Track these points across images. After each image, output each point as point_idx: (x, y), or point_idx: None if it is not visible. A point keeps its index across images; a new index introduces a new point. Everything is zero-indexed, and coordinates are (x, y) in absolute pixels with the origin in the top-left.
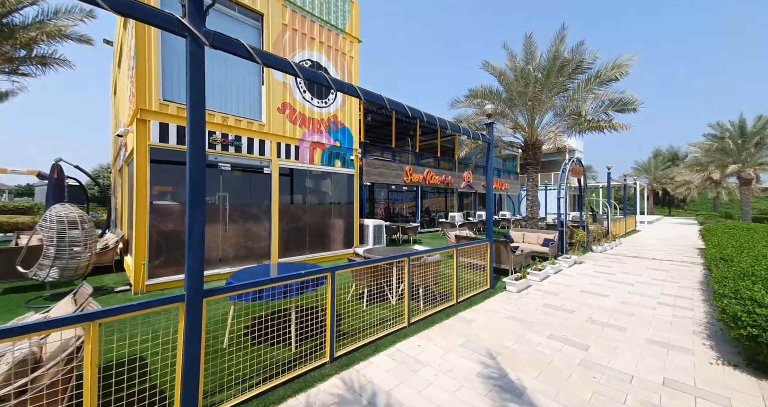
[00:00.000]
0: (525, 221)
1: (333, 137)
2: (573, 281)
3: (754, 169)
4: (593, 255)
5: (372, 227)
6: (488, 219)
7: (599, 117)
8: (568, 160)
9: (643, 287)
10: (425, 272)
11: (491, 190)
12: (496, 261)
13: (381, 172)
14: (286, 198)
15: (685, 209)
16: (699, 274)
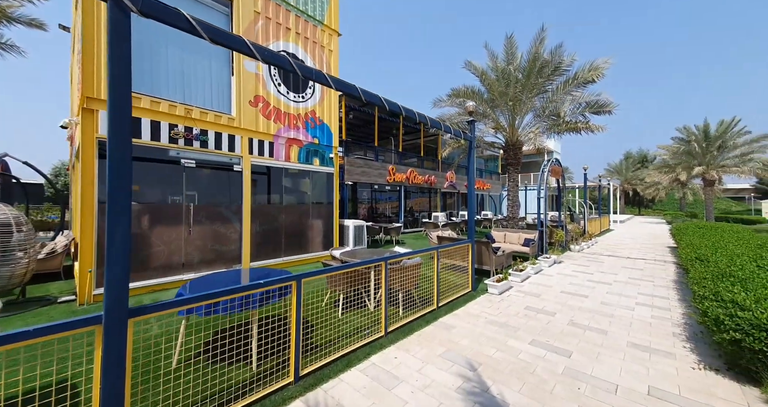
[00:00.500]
0: (506, 221)
1: (311, 133)
2: (553, 281)
3: (717, 171)
4: (571, 254)
5: (352, 228)
6: (470, 220)
7: (577, 118)
8: (547, 161)
9: (620, 287)
10: (405, 276)
11: (473, 190)
12: (478, 262)
13: (363, 171)
14: (260, 198)
15: (654, 208)
16: (672, 273)
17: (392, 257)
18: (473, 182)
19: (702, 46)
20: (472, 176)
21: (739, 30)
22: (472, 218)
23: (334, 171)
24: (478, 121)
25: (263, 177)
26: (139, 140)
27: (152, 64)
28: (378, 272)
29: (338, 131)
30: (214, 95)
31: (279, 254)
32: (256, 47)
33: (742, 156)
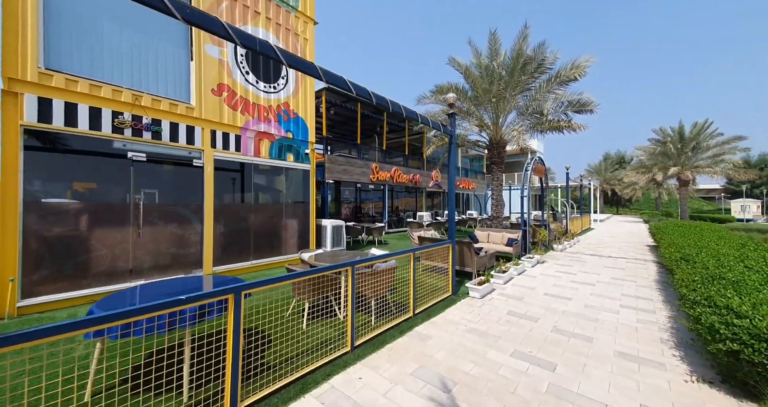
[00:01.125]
0: (490, 220)
1: (284, 127)
2: (536, 282)
3: (691, 171)
4: (554, 254)
5: (330, 228)
6: (450, 219)
7: (559, 117)
8: (530, 159)
9: (603, 288)
10: (379, 280)
11: (453, 187)
12: (459, 264)
13: (345, 169)
14: (226, 196)
15: (631, 208)
16: (654, 272)
17: (360, 260)
18: (453, 180)
19: (685, 45)
20: (453, 174)
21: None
22: (452, 218)
23: (310, 168)
24: (463, 119)
25: (229, 174)
26: (74, 128)
27: (93, 42)
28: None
29: (317, 126)
30: (169, 81)
31: (248, 257)
32: (235, 31)
33: (714, 157)
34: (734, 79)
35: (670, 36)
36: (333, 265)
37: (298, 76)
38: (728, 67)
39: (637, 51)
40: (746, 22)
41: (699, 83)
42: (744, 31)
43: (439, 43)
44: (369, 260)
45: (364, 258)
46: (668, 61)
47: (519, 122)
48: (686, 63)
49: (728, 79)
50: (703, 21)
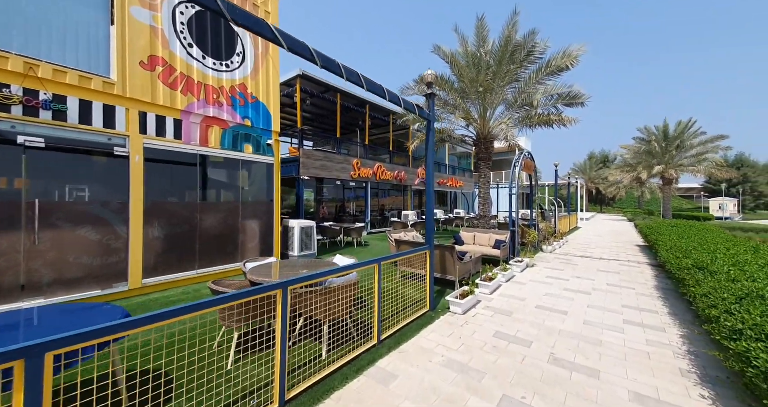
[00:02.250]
0: (477, 219)
1: (240, 112)
2: (526, 291)
3: (675, 169)
4: (544, 256)
5: (298, 230)
6: (428, 220)
7: (549, 110)
8: (519, 154)
9: (601, 297)
10: (335, 299)
11: (432, 181)
12: (441, 271)
13: (323, 165)
14: (162, 192)
15: (614, 206)
16: (650, 277)
17: (296, 280)
18: (432, 172)
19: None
20: (431, 163)
21: None
22: (430, 218)
23: (274, 161)
24: (449, 112)
25: (167, 166)
26: None
27: None
28: (300, 297)
29: (291, 118)
30: (80, 49)
31: (192, 266)
32: None
33: (697, 156)
34: (706, 77)
35: (657, 34)
36: (247, 290)
37: (258, 54)
38: (699, 65)
39: (624, 48)
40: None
41: (674, 82)
42: (714, 34)
43: (425, 33)
44: (308, 279)
45: (299, 277)
46: (651, 61)
47: (507, 115)
48: (661, 63)
49: (701, 78)
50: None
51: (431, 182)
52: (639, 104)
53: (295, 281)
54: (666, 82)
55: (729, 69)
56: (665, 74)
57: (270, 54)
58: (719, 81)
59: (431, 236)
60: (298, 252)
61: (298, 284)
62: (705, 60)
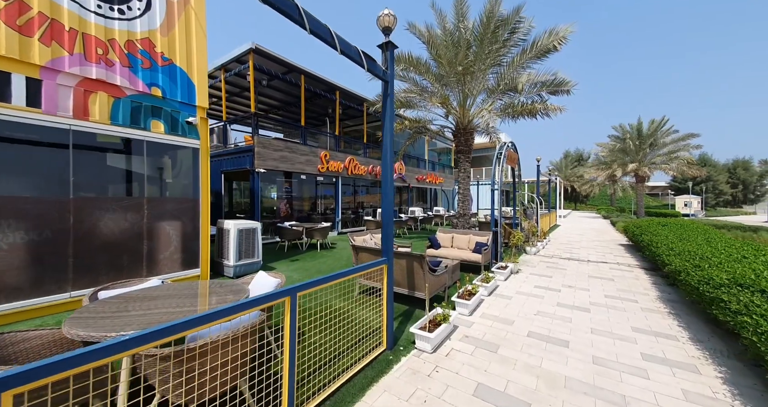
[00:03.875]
0: (456, 218)
1: (143, 77)
2: (514, 308)
3: (648, 167)
4: (528, 259)
5: (235, 233)
6: (385, 224)
7: (532, 99)
8: (502, 145)
9: (603, 316)
10: (213, 363)
11: (390, 170)
12: (407, 286)
13: (284, 156)
14: (8, 184)
15: (587, 203)
16: (648, 283)
17: (138, 337)
18: (390, 157)
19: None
20: (389, 147)
21: None
22: (388, 223)
23: (199, 146)
24: (426, 100)
25: (19, 147)
26: None
27: None
28: (153, 362)
29: (240, 101)
30: None
31: (62, 287)
32: None
33: (669, 154)
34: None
35: (640, 31)
36: None
37: (173, 2)
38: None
39: (604, 46)
40: None
41: (648, 84)
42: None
43: None
44: (157, 336)
45: (141, 333)
46: (626, 59)
47: (489, 101)
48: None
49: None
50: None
51: (389, 170)
52: (613, 103)
53: (137, 340)
54: (640, 83)
55: (690, 72)
56: (638, 74)
57: (192, 5)
58: (684, 84)
59: (389, 245)
60: (235, 261)
61: (144, 346)
62: (673, 61)
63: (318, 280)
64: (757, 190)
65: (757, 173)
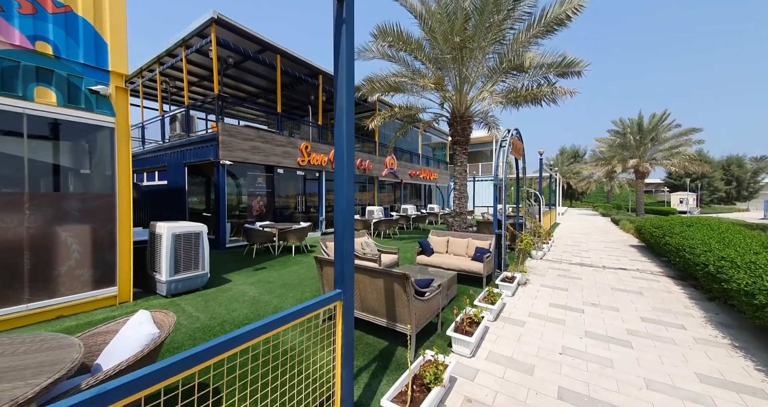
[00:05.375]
0: (452, 217)
1: (22, 26)
2: (531, 345)
3: (650, 163)
4: (534, 265)
5: (169, 239)
6: (339, 242)
7: (538, 82)
8: (506, 132)
9: (653, 357)
10: None
11: (345, 149)
12: (386, 316)
13: (256, 147)
14: None
15: (583, 200)
16: (684, 298)
17: None
18: (348, 129)
19: None
20: (346, 115)
21: None
22: (344, 236)
23: (115, 125)
24: (418, 85)
25: None
26: None
27: None
28: None
29: (201, 82)
30: None
31: None
32: None
33: (670, 149)
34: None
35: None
36: None
37: None
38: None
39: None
40: None
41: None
42: None
43: None
44: None
45: None
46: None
47: (490, 83)
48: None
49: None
50: None
51: (346, 151)
52: (612, 98)
53: None
54: (642, 74)
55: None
56: (641, 64)
57: None
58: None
59: (346, 267)
60: (169, 275)
61: None
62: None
63: (236, 336)
64: (750, 187)
65: (751, 170)
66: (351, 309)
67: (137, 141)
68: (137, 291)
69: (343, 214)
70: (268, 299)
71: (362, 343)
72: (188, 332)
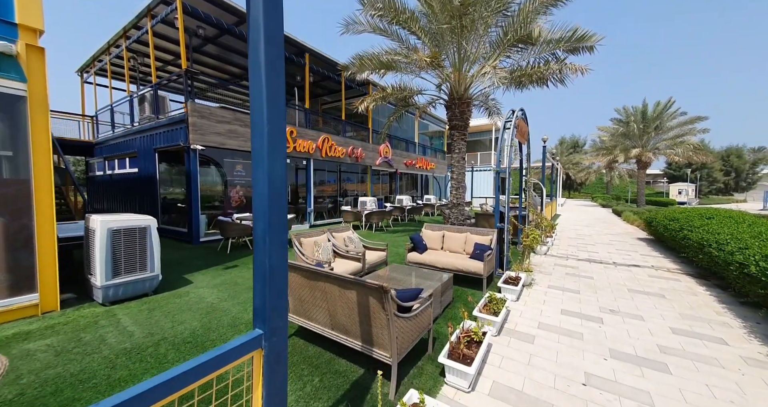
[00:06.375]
0: (449, 208)
1: None
2: (544, 371)
3: (653, 152)
4: (539, 262)
5: (104, 235)
6: (258, 258)
7: (546, 59)
8: (510, 113)
9: (698, 388)
10: None
11: (264, 111)
12: (361, 338)
13: (232, 130)
14: None
15: (581, 191)
16: (714, 302)
17: None
18: (268, 81)
19: None
20: (263, 58)
21: None
22: (274, 243)
23: (26, 93)
24: (413, 64)
25: None
26: None
27: None
28: None
29: (167, 56)
30: None
31: None
32: None
33: (674, 138)
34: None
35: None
36: None
37: None
38: None
39: None
40: None
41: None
42: None
43: None
44: None
45: None
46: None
47: (493, 57)
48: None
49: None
50: None
51: (265, 115)
52: (614, 87)
53: None
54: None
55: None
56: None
57: None
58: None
59: (274, 296)
60: (105, 279)
61: None
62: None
63: None
64: (749, 178)
65: (750, 161)
66: (283, 361)
67: (106, 125)
68: (69, 298)
69: (264, 206)
70: (227, 307)
71: (330, 372)
72: (110, 355)
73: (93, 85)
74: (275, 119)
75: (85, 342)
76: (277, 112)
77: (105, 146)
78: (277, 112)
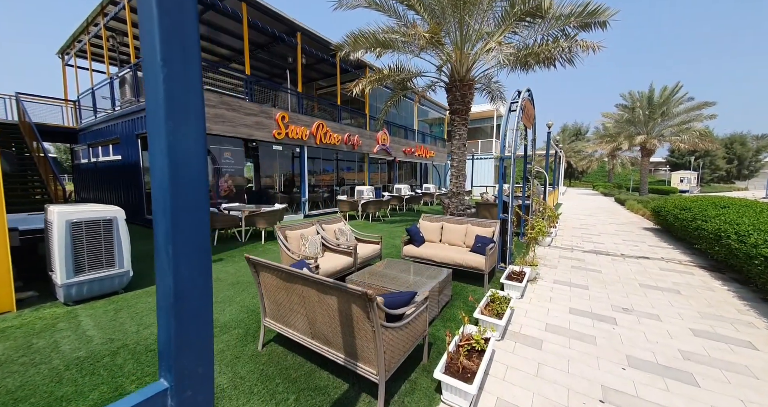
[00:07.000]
0: (449, 198)
1: None
2: (555, 384)
3: (658, 139)
4: (543, 254)
5: (63, 228)
6: (160, 254)
7: (555, 36)
8: (516, 93)
9: (725, 400)
10: None
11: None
12: (344, 350)
13: (219, 115)
14: None
15: (582, 180)
16: (733, 299)
17: None
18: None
19: None
20: None
21: None
22: (185, 247)
23: None
24: (410, 42)
25: None
26: None
27: None
28: None
29: None
30: None
31: None
32: None
33: (680, 124)
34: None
35: None
36: None
37: None
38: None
39: None
40: None
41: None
42: None
43: None
44: None
45: None
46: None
47: (498, 32)
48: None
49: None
50: None
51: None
52: (616, 72)
53: None
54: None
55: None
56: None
57: None
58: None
59: (189, 328)
60: (66, 277)
61: None
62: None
63: None
64: (752, 166)
65: (753, 149)
66: None
67: (89, 110)
68: (30, 297)
69: (165, 197)
70: None
71: (309, 388)
72: (60, 366)
73: (74, 68)
74: (177, 59)
75: (34, 350)
76: (180, 45)
77: (88, 132)
78: (180, 45)
